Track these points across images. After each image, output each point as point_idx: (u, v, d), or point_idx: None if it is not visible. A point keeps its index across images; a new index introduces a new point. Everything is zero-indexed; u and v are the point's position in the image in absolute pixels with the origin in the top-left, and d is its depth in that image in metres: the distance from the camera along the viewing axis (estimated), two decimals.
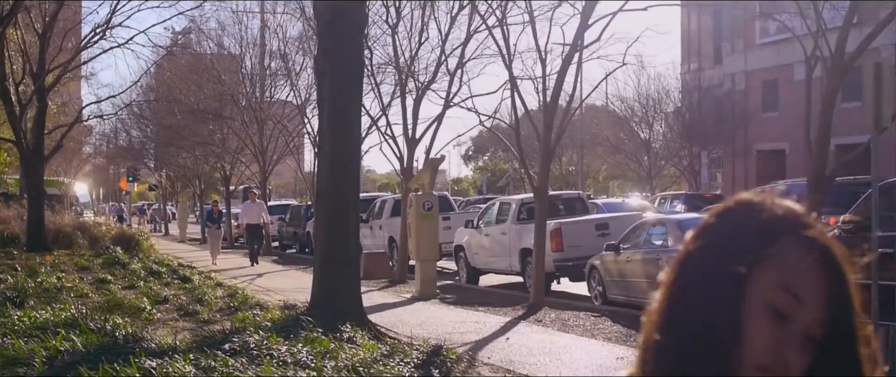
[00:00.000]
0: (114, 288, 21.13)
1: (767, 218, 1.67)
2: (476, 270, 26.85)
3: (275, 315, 15.15)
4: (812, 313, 1.62)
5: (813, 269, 1.63)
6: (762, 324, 1.61)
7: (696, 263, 1.70)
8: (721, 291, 1.63)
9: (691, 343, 1.63)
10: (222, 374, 9.38)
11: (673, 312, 1.68)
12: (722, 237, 1.69)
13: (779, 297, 1.61)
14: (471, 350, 13.72)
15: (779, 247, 1.64)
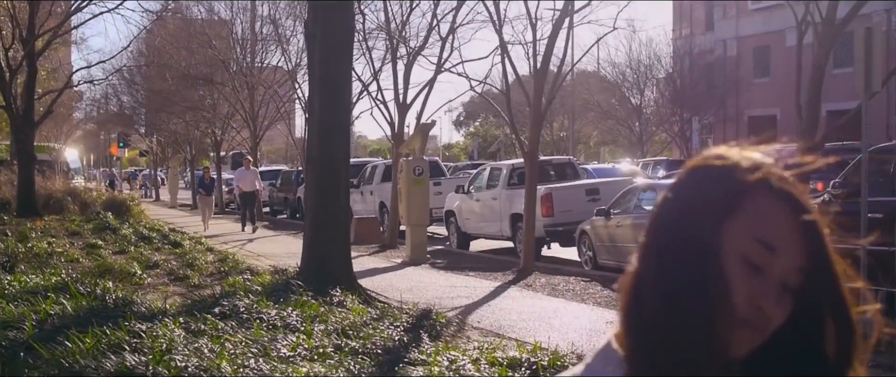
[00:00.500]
0: (104, 253, 21.13)
1: (738, 171, 1.67)
2: (466, 235, 26.88)
3: (265, 279, 15.16)
4: (786, 262, 1.62)
5: (784, 220, 1.63)
6: (737, 276, 1.61)
7: (670, 220, 1.70)
8: (695, 247, 1.64)
9: (670, 301, 1.63)
10: (212, 338, 9.39)
11: (651, 271, 1.68)
12: (693, 192, 1.69)
13: (751, 249, 1.61)
14: (460, 314, 13.75)
15: (750, 200, 1.64)
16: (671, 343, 1.62)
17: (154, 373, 7.23)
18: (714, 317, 1.60)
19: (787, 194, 1.65)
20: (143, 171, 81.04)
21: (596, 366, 1.74)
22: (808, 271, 1.63)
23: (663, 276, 1.65)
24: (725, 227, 1.63)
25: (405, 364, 8.88)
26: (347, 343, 9.85)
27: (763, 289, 1.61)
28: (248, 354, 8.66)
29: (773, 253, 1.61)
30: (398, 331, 10.91)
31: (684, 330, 1.61)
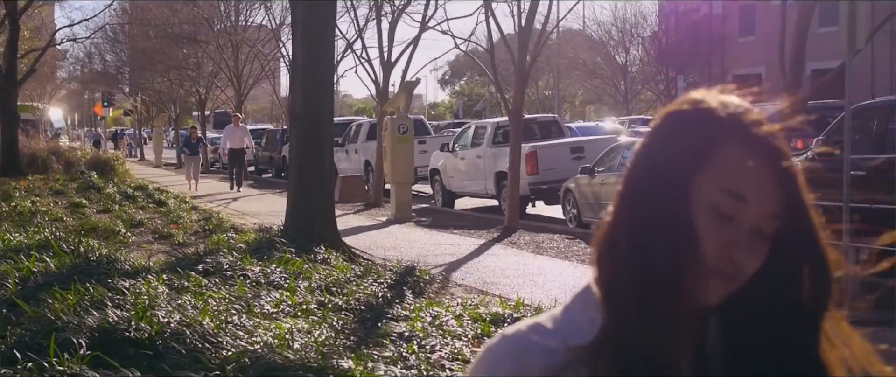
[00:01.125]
0: (88, 212, 21.10)
1: (712, 117, 1.67)
2: (451, 194, 26.89)
3: (249, 237, 15.16)
4: (759, 210, 1.62)
5: (758, 167, 1.62)
6: (707, 226, 1.61)
7: (644, 168, 1.70)
8: (666, 196, 1.64)
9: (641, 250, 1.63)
10: (195, 294, 9.40)
11: (624, 220, 1.68)
12: (667, 139, 1.68)
13: (720, 199, 1.62)
14: (444, 271, 13.78)
15: (722, 148, 1.63)
16: (642, 291, 1.62)
17: (136, 328, 7.23)
18: (684, 267, 1.60)
19: (762, 140, 1.64)
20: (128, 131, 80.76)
21: (575, 308, 1.74)
22: (783, 217, 1.64)
23: (636, 225, 1.65)
24: (696, 177, 1.62)
25: (388, 319, 8.90)
26: (331, 299, 9.87)
27: (734, 239, 1.61)
28: (231, 310, 8.66)
29: (743, 202, 1.61)
30: (382, 287, 10.93)
31: (655, 278, 1.61)
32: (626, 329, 1.62)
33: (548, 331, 1.69)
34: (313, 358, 6.63)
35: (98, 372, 6.11)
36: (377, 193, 26.99)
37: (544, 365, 1.64)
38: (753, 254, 1.63)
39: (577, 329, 1.68)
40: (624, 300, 1.64)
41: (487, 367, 1.69)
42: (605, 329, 1.66)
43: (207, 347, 6.96)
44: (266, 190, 33.78)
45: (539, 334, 1.69)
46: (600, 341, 1.65)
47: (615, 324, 1.65)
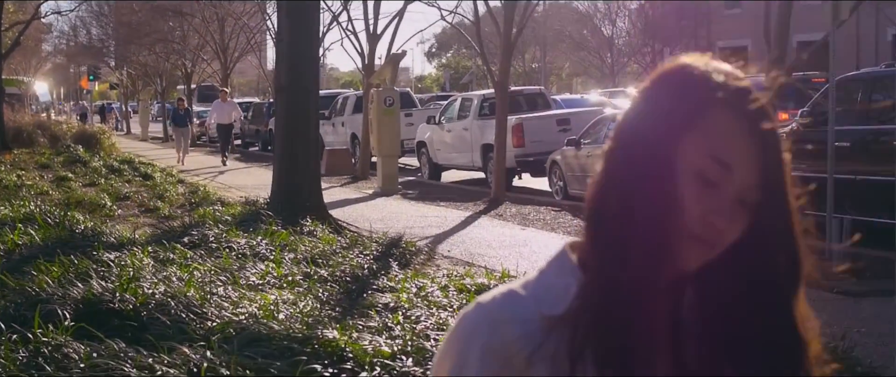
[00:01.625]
0: (74, 185, 21.06)
1: (701, 82, 1.67)
2: (438, 166, 26.89)
3: (235, 210, 15.15)
4: (743, 179, 1.63)
5: (743, 136, 1.63)
6: (691, 192, 1.61)
7: (631, 129, 1.70)
8: (651, 159, 1.64)
9: (628, 212, 1.64)
10: (180, 266, 9.40)
11: (611, 182, 1.69)
12: (656, 103, 1.68)
13: (706, 165, 1.62)
14: (431, 243, 13.79)
15: (709, 115, 1.63)
16: (622, 252, 1.63)
17: (121, 299, 7.24)
18: (664, 231, 1.60)
19: (751, 108, 1.65)
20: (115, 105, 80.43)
21: (550, 273, 1.75)
22: (763, 188, 1.65)
23: (620, 186, 1.66)
24: (683, 142, 1.63)
25: (374, 291, 8.92)
26: (317, 271, 9.88)
27: (716, 206, 1.62)
28: (217, 282, 8.67)
29: (728, 170, 1.62)
30: (368, 259, 10.95)
31: (635, 240, 1.62)
32: (606, 293, 1.63)
33: (523, 299, 1.70)
34: (298, 328, 6.64)
35: (83, 343, 6.11)
36: (364, 166, 26.98)
37: (520, 334, 1.64)
38: (734, 223, 1.64)
39: (552, 296, 1.69)
40: (606, 262, 1.65)
41: (463, 335, 1.69)
42: (582, 295, 1.67)
43: (192, 318, 6.97)
44: (253, 163, 33.73)
45: (514, 302, 1.69)
46: (576, 309, 1.66)
47: (595, 288, 1.65)
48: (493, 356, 1.64)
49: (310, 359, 5.95)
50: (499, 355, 1.64)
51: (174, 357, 5.97)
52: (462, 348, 1.68)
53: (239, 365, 5.77)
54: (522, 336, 1.64)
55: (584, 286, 1.67)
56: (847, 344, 6.50)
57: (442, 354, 1.72)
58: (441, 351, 1.73)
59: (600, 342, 1.62)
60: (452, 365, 1.69)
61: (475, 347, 1.66)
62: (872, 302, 9.50)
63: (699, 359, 1.72)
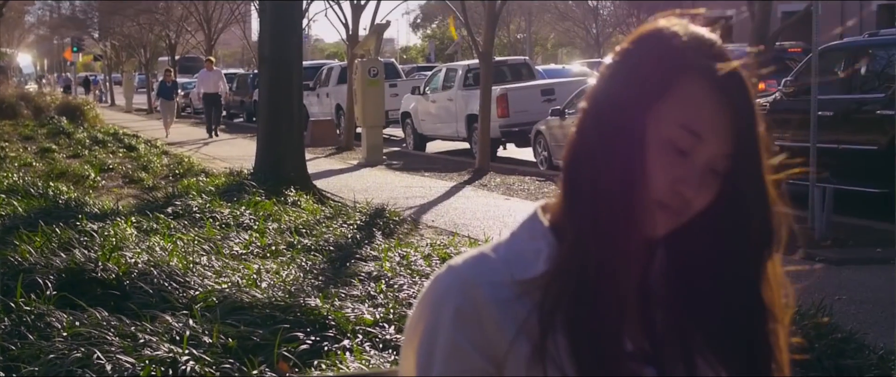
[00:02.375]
0: (58, 157, 20.99)
1: (676, 48, 1.65)
2: (423, 137, 26.88)
3: (219, 181, 15.13)
4: (714, 149, 1.62)
5: (716, 104, 1.62)
6: (661, 160, 1.61)
7: (604, 93, 1.70)
8: (623, 126, 1.63)
9: (596, 177, 1.64)
10: (163, 236, 9.40)
11: (582, 146, 1.69)
12: (628, 68, 1.67)
13: (677, 134, 1.61)
14: (415, 213, 13.80)
15: (683, 82, 1.62)
16: (592, 217, 1.63)
17: (103, 268, 7.24)
18: (632, 198, 1.61)
19: (725, 76, 1.64)
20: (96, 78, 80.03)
21: (521, 237, 1.75)
22: (736, 157, 1.65)
23: (590, 150, 1.66)
24: (653, 110, 1.62)
25: (357, 260, 8.93)
26: (300, 240, 9.89)
27: (686, 175, 1.61)
28: (200, 252, 8.68)
29: (699, 139, 1.62)
30: (351, 229, 10.95)
31: (604, 206, 1.62)
32: (575, 258, 1.64)
33: (494, 262, 1.70)
34: (280, 296, 6.66)
35: (65, 311, 6.12)
36: (348, 137, 26.94)
37: (491, 297, 1.65)
38: (704, 191, 1.64)
39: (524, 260, 1.70)
40: (577, 224, 1.66)
41: (435, 298, 1.70)
42: (553, 259, 1.68)
43: (175, 287, 6.98)
44: (237, 134, 33.63)
45: (486, 265, 1.70)
46: (547, 274, 1.67)
47: (565, 252, 1.66)
48: (465, 318, 1.65)
49: (292, 327, 5.97)
50: (470, 317, 1.65)
51: (156, 325, 5.98)
52: (434, 311, 1.68)
53: (221, 332, 5.79)
54: (494, 299, 1.65)
55: (555, 250, 1.68)
56: (827, 310, 6.53)
57: (414, 318, 1.72)
58: (413, 314, 1.73)
59: (569, 307, 1.63)
60: (425, 327, 1.69)
61: (447, 310, 1.66)
62: (854, 269, 9.54)
63: (667, 326, 1.73)
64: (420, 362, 1.69)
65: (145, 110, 52.32)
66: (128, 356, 5.31)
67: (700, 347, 1.73)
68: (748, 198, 1.66)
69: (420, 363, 1.69)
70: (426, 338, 1.68)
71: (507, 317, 1.64)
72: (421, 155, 25.38)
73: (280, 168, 14.99)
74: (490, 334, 1.64)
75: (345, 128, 27.93)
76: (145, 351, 5.41)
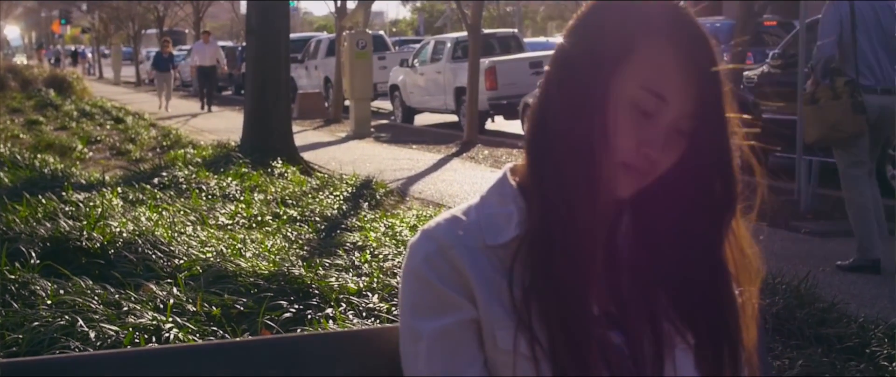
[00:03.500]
0: (45, 129, 20.94)
1: (639, 10, 1.66)
2: (411, 109, 26.85)
3: (206, 153, 15.12)
4: (678, 110, 1.63)
5: (680, 66, 1.63)
6: (625, 122, 1.63)
7: (568, 54, 1.71)
8: (587, 88, 1.64)
9: (561, 140, 1.65)
10: (149, 207, 9.40)
11: (547, 108, 1.69)
12: (593, 31, 1.69)
13: (641, 96, 1.63)
14: (402, 185, 13.81)
15: (648, 43, 1.64)
16: (557, 179, 1.64)
17: (88, 238, 7.24)
18: (596, 160, 1.62)
19: (689, 39, 1.65)
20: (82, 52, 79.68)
21: (491, 201, 1.77)
22: (700, 118, 1.65)
23: (555, 112, 1.67)
24: (619, 71, 1.63)
25: (343, 230, 8.93)
26: (286, 211, 9.88)
27: (651, 136, 1.63)
28: (186, 222, 8.68)
29: (663, 101, 1.63)
30: (338, 200, 10.95)
31: (569, 168, 1.63)
32: (542, 220, 1.65)
33: (467, 226, 1.72)
34: (265, 266, 6.67)
35: (50, 280, 6.12)
36: (336, 109, 26.91)
37: (466, 260, 1.67)
38: (668, 152, 1.65)
39: (495, 225, 1.71)
40: (541, 189, 1.67)
41: (414, 265, 1.72)
42: (523, 224, 1.69)
43: (159, 256, 6.98)
44: (226, 107, 33.51)
45: (459, 229, 1.72)
46: (517, 238, 1.68)
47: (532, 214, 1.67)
48: (445, 270, 1.67)
49: (275, 296, 5.98)
50: (449, 270, 1.67)
51: (141, 293, 5.99)
52: (416, 277, 1.71)
53: (205, 301, 5.79)
54: (468, 262, 1.67)
55: (525, 214, 1.69)
56: (810, 281, 6.56)
57: (401, 289, 1.76)
58: (401, 285, 1.76)
59: (538, 271, 1.65)
60: (410, 292, 1.72)
61: (425, 267, 1.69)
62: (839, 241, 9.57)
63: (633, 289, 1.74)
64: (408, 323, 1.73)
65: (133, 83, 52.15)
66: (111, 324, 5.30)
67: (666, 310, 1.74)
68: (711, 159, 1.68)
69: (408, 325, 1.73)
70: (410, 300, 1.71)
71: (480, 279, 1.67)
72: (409, 127, 25.38)
73: (267, 140, 14.99)
74: (468, 295, 1.67)
75: (333, 100, 27.89)
76: (129, 319, 5.41)
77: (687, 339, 1.74)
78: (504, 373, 1.67)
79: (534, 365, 1.64)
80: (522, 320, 1.64)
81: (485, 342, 1.68)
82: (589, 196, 1.62)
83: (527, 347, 1.64)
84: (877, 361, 5.20)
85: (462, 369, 1.66)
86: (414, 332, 1.70)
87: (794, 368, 5.01)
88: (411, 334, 1.71)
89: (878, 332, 5.68)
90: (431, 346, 1.67)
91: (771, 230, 9.71)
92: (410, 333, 1.71)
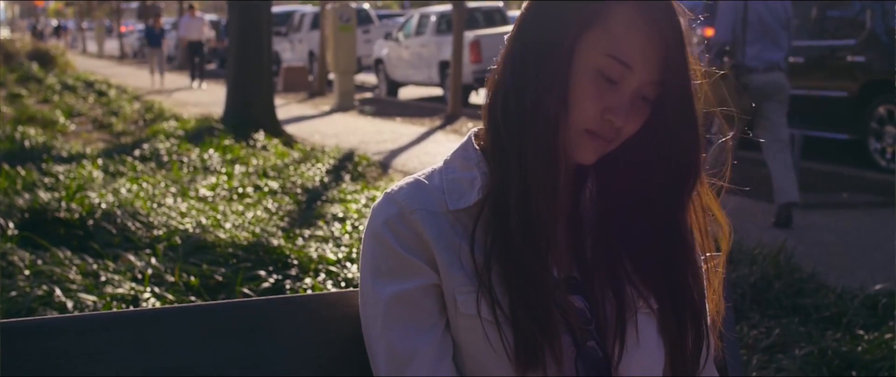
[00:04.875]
0: (28, 102, 20.84)
1: None
2: (395, 83, 26.80)
3: (188, 125, 15.09)
4: (642, 77, 1.62)
5: (645, 33, 1.62)
6: (590, 89, 1.62)
7: (532, 22, 1.70)
8: (550, 56, 1.63)
9: (524, 106, 1.64)
10: (130, 178, 9.37)
11: (510, 74, 1.68)
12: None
13: (606, 63, 1.61)
14: (385, 158, 13.77)
15: (611, 10, 1.62)
16: (520, 146, 1.63)
17: (67, 209, 7.22)
18: (559, 127, 1.61)
19: (652, 5, 1.64)
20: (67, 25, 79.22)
21: (455, 163, 1.76)
22: (666, 84, 1.64)
23: (518, 78, 1.66)
24: (584, 39, 1.62)
25: (323, 202, 8.92)
26: (267, 183, 9.87)
27: (615, 103, 1.62)
28: (166, 194, 8.66)
29: (628, 69, 1.62)
30: (319, 172, 10.94)
31: (532, 135, 1.62)
32: (506, 185, 1.64)
33: (430, 191, 1.72)
34: (244, 237, 6.66)
35: (28, 250, 6.11)
36: (320, 83, 26.83)
37: (427, 224, 1.67)
38: (633, 118, 1.64)
39: (458, 189, 1.71)
40: (505, 154, 1.66)
41: (376, 227, 1.71)
42: (485, 188, 1.68)
43: (139, 227, 6.97)
44: (210, 80, 33.38)
45: (422, 193, 1.71)
46: (480, 203, 1.67)
47: (495, 180, 1.66)
48: (406, 235, 1.67)
49: (254, 266, 5.98)
50: (410, 235, 1.67)
51: (119, 264, 5.98)
52: (376, 238, 1.71)
53: (183, 271, 5.79)
54: (431, 224, 1.67)
55: (488, 179, 1.68)
56: (789, 252, 6.58)
57: (362, 250, 1.76)
58: (362, 247, 1.76)
59: (499, 236, 1.64)
60: (371, 256, 1.72)
61: (387, 232, 1.68)
62: (821, 213, 9.60)
63: (596, 253, 1.73)
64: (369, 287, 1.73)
65: (117, 57, 51.97)
66: (89, 294, 5.30)
67: (629, 275, 1.73)
68: (676, 125, 1.67)
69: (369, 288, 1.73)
70: (371, 264, 1.71)
71: (441, 243, 1.66)
72: (393, 101, 25.32)
73: (249, 112, 14.96)
74: (428, 259, 1.67)
75: (317, 74, 27.80)
76: (107, 289, 5.40)
77: (650, 304, 1.74)
78: (467, 338, 1.67)
79: (496, 329, 1.63)
80: (483, 284, 1.64)
81: (447, 306, 1.68)
82: (551, 163, 1.61)
83: (488, 311, 1.64)
84: (854, 331, 5.21)
85: (419, 334, 1.67)
86: (374, 296, 1.70)
87: (770, 337, 5.02)
88: (371, 297, 1.71)
89: (856, 303, 5.70)
90: (389, 310, 1.68)
91: (753, 202, 9.74)
92: (370, 296, 1.71)
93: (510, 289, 1.63)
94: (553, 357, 1.64)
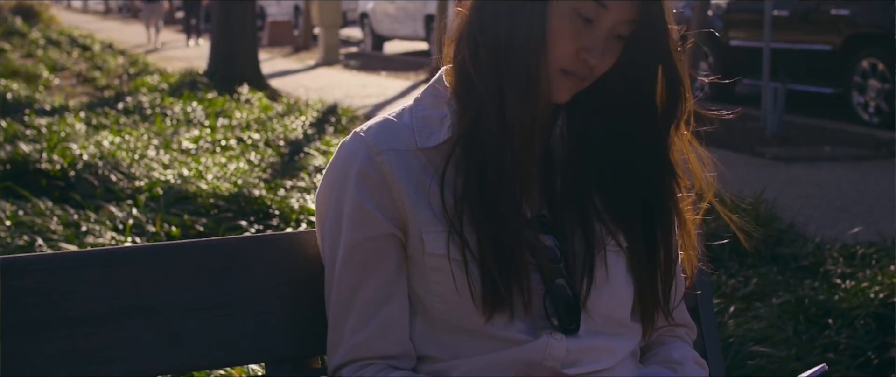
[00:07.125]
0: (11, 57, 20.71)
1: None
2: (380, 37, 26.71)
3: (173, 79, 15.04)
4: (617, 15, 1.62)
5: None
6: (566, 28, 1.61)
7: None
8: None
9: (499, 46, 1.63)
10: (112, 131, 9.35)
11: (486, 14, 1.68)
12: None
13: (582, 3, 1.61)
14: (369, 111, 13.75)
15: None
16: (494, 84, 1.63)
17: (49, 160, 7.21)
18: (535, 65, 1.61)
19: None
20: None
21: (425, 103, 1.76)
22: (640, 22, 1.65)
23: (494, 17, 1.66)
24: None
25: (306, 154, 8.92)
26: (250, 136, 9.86)
27: (590, 43, 1.62)
28: (149, 146, 8.65)
29: (603, 7, 1.62)
30: (303, 125, 10.93)
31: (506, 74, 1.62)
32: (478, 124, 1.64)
33: (400, 129, 1.71)
34: (226, 187, 6.66)
35: (9, 201, 6.10)
36: (306, 37, 26.73)
37: (396, 164, 1.66)
38: (607, 57, 1.64)
39: (428, 127, 1.70)
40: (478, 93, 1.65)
41: (341, 164, 1.71)
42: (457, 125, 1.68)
43: (120, 178, 6.96)
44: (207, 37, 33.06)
45: (391, 131, 1.70)
46: (450, 140, 1.67)
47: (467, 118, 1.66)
48: (370, 182, 1.66)
49: (236, 217, 5.99)
50: (375, 181, 1.66)
51: (100, 214, 5.98)
52: (340, 175, 1.70)
53: (165, 221, 5.79)
54: (398, 165, 1.66)
55: (457, 115, 1.68)
56: (770, 203, 6.60)
57: (323, 183, 1.75)
58: (323, 180, 1.76)
59: (470, 174, 1.64)
60: (331, 191, 1.72)
61: (352, 174, 1.68)
62: (803, 166, 9.64)
63: (565, 189, 1.74)
64: (328, 226, 1.72)
65: (102, 11, 51.66)
66: (70, 244, 5.30)
67: (598, 213, 1.74)
68: (651, 63, 1.67)
69: (328, 227, 1.72)
70: (334, 205, 1.71)
71: (410, 183, 1.66)
72: (378, 55, 25.27)
73: (233, 66, 14.92)
74: (393, 197, 1.66)
75: (302, 28, 27.67)
76: (88, 239, 5.41)
77: (620, 242, 1.74)
78: (434, 278, 1.68)
79: (464, 268, 1.64)
80: (452, 224, 1.64)
81: (412, 246, 1.69)
82: (531, 102, 1.61)
83: (457, 251, 1.64)
84: (831, 280, 5.25)
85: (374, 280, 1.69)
86: (334, 237, 1.71)
87: (748, 286, 5.05)
88: (332, 238, 1.72)
89: (834, 252, 5.73)
90: (349, 255, 1.69)
91: (736, 155, 9.77)
92: (331, 237, 1.72)
93: (480, 228, 1.63)
94: (521, 297, 1.65)
